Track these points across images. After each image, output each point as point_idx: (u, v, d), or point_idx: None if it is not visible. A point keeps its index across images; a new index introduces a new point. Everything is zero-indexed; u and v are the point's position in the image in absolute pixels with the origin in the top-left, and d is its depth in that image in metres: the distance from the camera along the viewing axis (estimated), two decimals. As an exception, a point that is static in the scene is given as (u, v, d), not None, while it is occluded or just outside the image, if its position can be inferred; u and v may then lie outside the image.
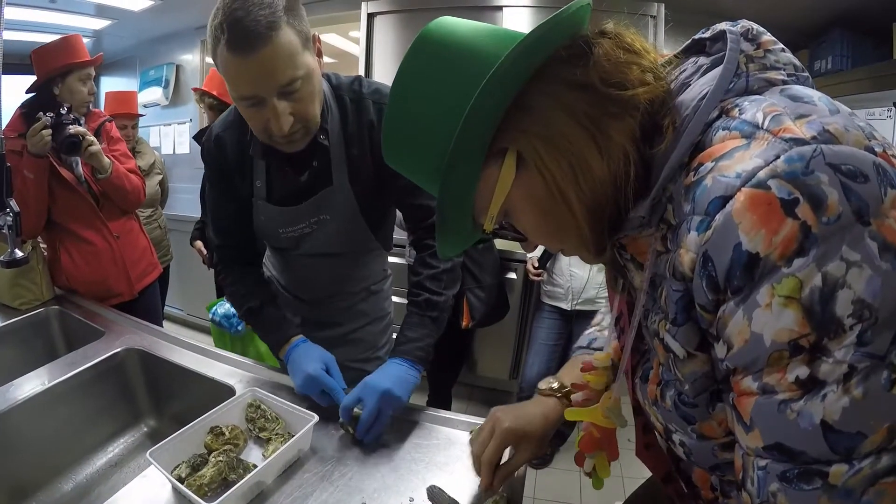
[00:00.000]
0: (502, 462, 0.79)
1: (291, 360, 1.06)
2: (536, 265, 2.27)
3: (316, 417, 0.91)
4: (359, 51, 3.09)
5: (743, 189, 0.38)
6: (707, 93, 0.46)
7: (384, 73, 2.99)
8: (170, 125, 4.04)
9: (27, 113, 1.58)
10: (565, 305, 2.27)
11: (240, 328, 2.00)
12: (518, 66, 0.47)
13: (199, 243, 2.76)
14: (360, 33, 3.05)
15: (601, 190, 0.48)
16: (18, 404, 1.01)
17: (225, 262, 1.23)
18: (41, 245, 1.65)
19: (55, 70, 1.60)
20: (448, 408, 2.58)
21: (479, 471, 0.79)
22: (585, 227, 0.50)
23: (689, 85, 0.51)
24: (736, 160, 0.40)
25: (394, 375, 0.99)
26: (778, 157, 0.37)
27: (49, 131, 1.48)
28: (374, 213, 1.17)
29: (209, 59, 3.88)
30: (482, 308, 2.28)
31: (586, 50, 0.48)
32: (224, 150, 1.10)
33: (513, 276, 2.64)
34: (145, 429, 1.22)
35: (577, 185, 0.48)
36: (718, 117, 0.45)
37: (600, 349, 0.86)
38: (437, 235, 0.57)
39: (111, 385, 1.19)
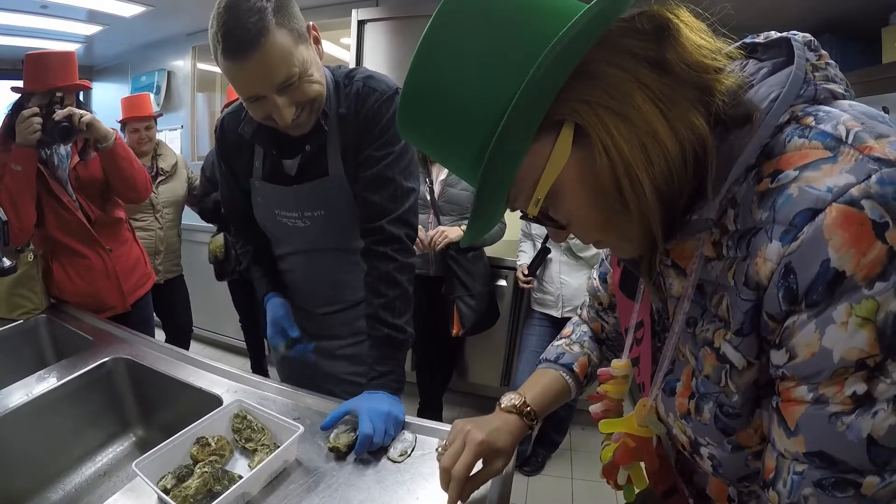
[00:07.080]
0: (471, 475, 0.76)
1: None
2: (526, 272, 2.28)
3: (302, 428, 0.92)
4: (349, 57, 3.11)
5: (834, 204, 0.38)
6: (778, 94, 0.45)
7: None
8: (161, 132, 4.02)
9: (7, 130, 1.52)
10: (555, 313, 2.28)
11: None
12: (594, 27, 0.41)
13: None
14: (351, 40, 3.06)
15: (676, 177, 0.46)
16: (6, 414, 1.01)
17: (234, 225, 1.41)
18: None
19: (21, 92, 1.54)
20: (439, 415, 2.59)
21: (446, 485, 0.74)
22: (656, 214, 0.46)
23: (752, 84, 0.49)
24: (824, 172, 0.40)
25: (384, 400, 1.01)
26: (869, 176, 0.37)
27: (39, 119, 1.44)
28: None
29: (200, 65, 3.89)
30: (472, 316, 2.29)
31: (666, 24, 0.45)
32: (226, 132, 1.19)
33: (503, 283, 2.65)
34: (133, 438, 1.23)
35: (651, 167, 0.44)
36: (788, 123, 0.45)
37: (569, 365, 0.85)
38: (470, 220, 0.53)
39: (99, 394, 1.19)
